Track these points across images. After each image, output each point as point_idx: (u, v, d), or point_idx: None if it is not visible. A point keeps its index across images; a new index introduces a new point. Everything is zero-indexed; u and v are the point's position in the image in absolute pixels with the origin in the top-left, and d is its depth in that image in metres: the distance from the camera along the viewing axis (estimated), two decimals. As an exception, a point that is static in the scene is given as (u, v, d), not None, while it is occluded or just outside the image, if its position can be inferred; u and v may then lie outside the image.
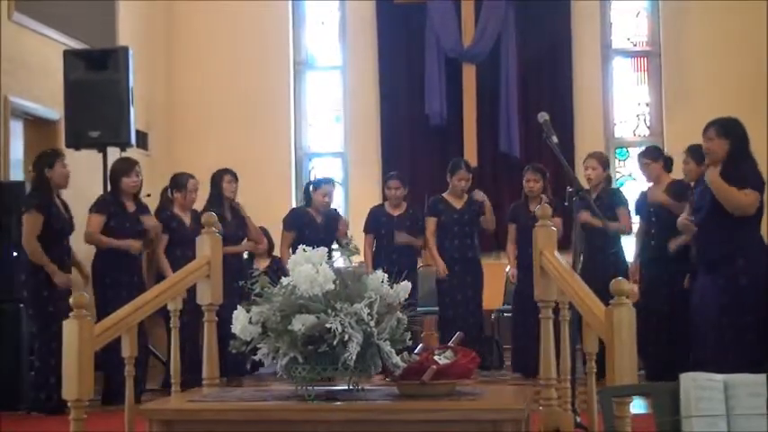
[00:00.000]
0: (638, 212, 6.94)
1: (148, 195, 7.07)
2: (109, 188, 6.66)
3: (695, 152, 6.06)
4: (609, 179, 7.32)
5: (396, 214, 7.55)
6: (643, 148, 7.39)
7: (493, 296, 7.60)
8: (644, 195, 6.89)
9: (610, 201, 6.94)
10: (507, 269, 7.73)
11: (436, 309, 7.50)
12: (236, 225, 7.28)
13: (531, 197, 7.17)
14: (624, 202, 7.04)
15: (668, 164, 6.85)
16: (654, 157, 6.82)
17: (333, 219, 7.62)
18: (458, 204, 7.43)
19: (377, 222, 7.56)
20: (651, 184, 6.87)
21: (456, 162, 7.59)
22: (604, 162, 7.08)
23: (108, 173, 6.69)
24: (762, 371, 2.53)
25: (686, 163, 6.43)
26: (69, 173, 6.33)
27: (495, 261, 7.46)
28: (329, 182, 7.74)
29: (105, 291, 6.31)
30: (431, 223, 7.43)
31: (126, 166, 6.61)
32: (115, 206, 6.52)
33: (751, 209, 5.15)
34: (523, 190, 7.24)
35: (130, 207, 6.59)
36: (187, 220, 7.03)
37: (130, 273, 6.48)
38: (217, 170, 7.39)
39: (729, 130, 5.21)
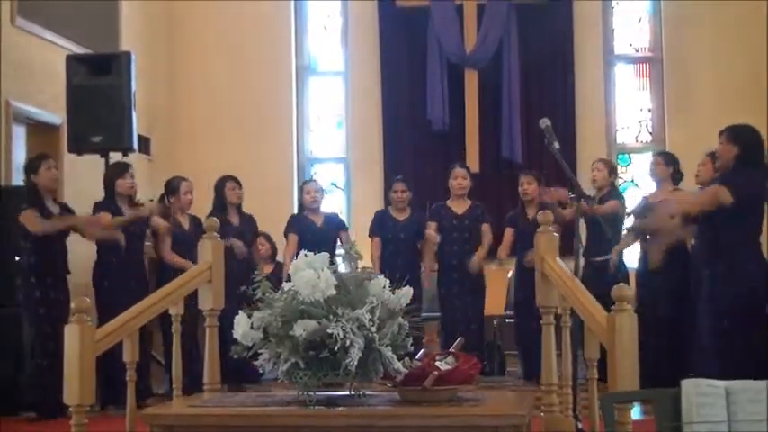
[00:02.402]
0: (637, 217, 6.92)
1: (151, 200, 7.04)
2: (104, 194, 6.60)
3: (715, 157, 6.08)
4: (614, 186, 7.30)
5: (401, 219, 7.50)
6: (651, 152, 7.44)
7: (495, 302, 7.55)
8: (644, 200, 6.89)
9: (609, 199, 6.99)
10: (510, 274, 7.70)
11: (439, 315, 7.47)
12: (241, 231, 7.22)
13: (527, 201, 7.23)
14: (617, 197, 7.08)
15: (676, 176, 6.79)
16: (667, 160, 6.80)
17: (334, 224, 7.59)
18: (459, 210, 7.39)
19: (383, 226, 7.47)
20: (654, 189, 6.86)
21: (453, 164, 7.59)
22: (611, 167, 7.22)
23: (102, 179, 6.65)
24: (761, 375, 2.54)
25: (704, 164, 6.41)
26: (57, 175, 6.30)
27: (497, 267, 7.42)
28: (312, 181, 7.80)
29: (106, 296, 6.29)
30: (431, 228, 7.34)
31: (119, 169, 6.61)
32: (114, 210, 6.48)
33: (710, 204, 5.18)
34: (519, 196, 7.29)
35: (127, 211, 6.55)
36: (186, 224, 6.98)
37: (133, 278, 6.45)
38: (220, 177, 7.34)
39: (739, 136, 5.20)
